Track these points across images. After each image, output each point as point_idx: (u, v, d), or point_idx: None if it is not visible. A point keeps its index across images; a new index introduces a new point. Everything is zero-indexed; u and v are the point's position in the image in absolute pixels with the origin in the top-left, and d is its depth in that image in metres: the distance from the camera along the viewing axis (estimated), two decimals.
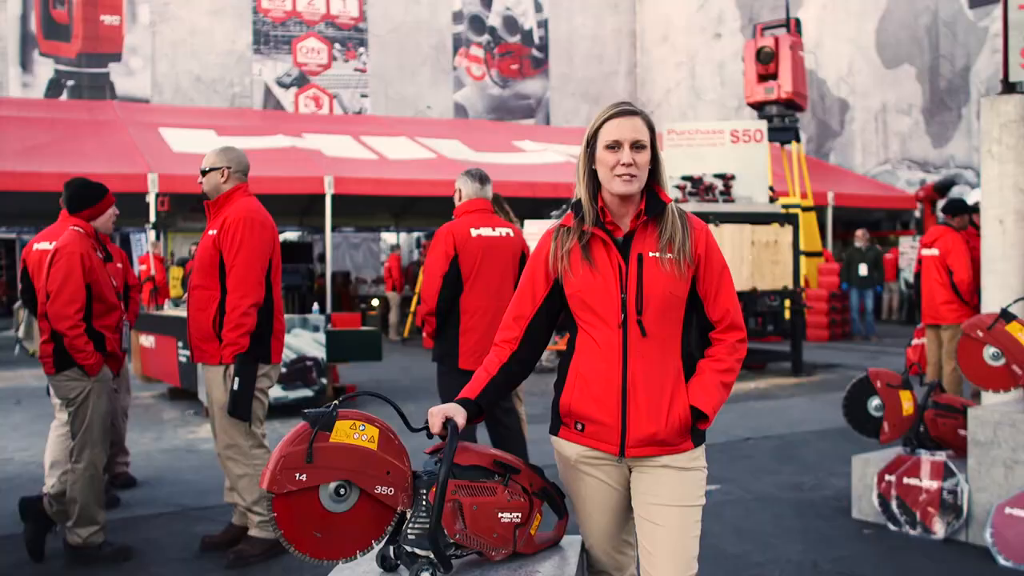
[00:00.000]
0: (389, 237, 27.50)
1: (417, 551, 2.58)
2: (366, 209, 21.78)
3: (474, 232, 5.23)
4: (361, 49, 26.59)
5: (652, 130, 2.69)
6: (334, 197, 16.91)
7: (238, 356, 4.67)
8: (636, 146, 2.63)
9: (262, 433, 5.00)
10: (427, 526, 2.57)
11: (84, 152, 16.12)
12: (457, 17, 27.86)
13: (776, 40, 16.60)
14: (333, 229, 23.08)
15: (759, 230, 11.23)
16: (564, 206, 17.15)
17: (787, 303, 11.51)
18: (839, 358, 13.42)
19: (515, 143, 21.85)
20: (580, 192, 2.75)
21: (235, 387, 4.68)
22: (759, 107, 17.07)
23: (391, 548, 2.65)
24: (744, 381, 11.39)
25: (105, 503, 5.84)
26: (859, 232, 16.90)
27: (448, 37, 27.73)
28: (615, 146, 2.64)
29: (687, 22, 28.21)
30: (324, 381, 9.41)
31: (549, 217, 13.98)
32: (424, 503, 2.60)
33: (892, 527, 5.26)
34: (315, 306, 10.75)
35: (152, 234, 15.23)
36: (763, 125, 12.02)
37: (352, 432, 2.62)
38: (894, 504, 5.27)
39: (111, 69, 23.70)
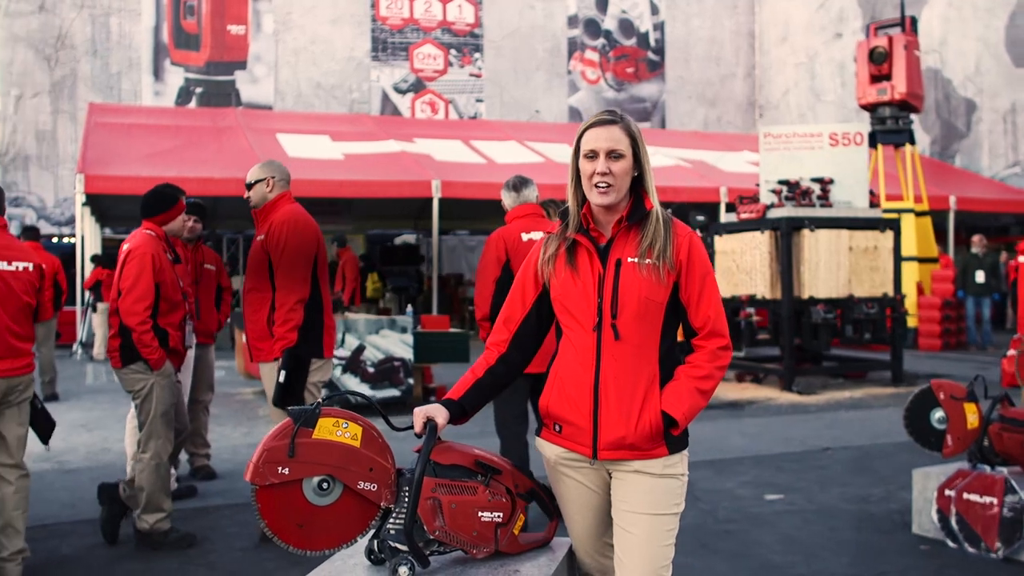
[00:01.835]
0: None
1: (398, 546, 2.68)
2: (477, 213, 22.04)
3: (525, 236, 5.31)
4: (476, 55, 26.93)
5: (634, 138, 2.72)
6: (441, 201, 17.16)
7: (286, 350, 4.89)
8: (612, 155, 2.67)
9: None
10: None
11: (203, 158, 16.83)
12: (572, 21, 27.94)
13: (890, 40, 16.11)
14: (445, 232, 23.49)
15: (857, 235, 10.94)
16: (668, 210, 17.05)
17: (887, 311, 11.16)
18: (947, 368, 12.93)
19: None
20: (569, 199, 2.81)
21: (281, 379, 4.90)
22: (872, 109, 16.61)
23: (376, 542, 2.76)
24: (839, 390, 11.13)
25: (181, 492, 6.19)
26: (976, 238, 16.24)
27: (563, 41, 27.83)
28: (592, 155, 2.68)
29: (807, 21, 27.59)
30: (411, 381, 9.62)
31: None
32: (406, 500, 2.70)
33: (951, 544, 5.10)
34: (408, 308, 10.99)
35: None
36: (864, 128, 11.68)
37: (335, 429, 2.74)
38: (953, 520, 5.11)
39: (237, 77, 24.67)
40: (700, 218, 12.95)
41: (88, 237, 17.10)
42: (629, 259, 2.69)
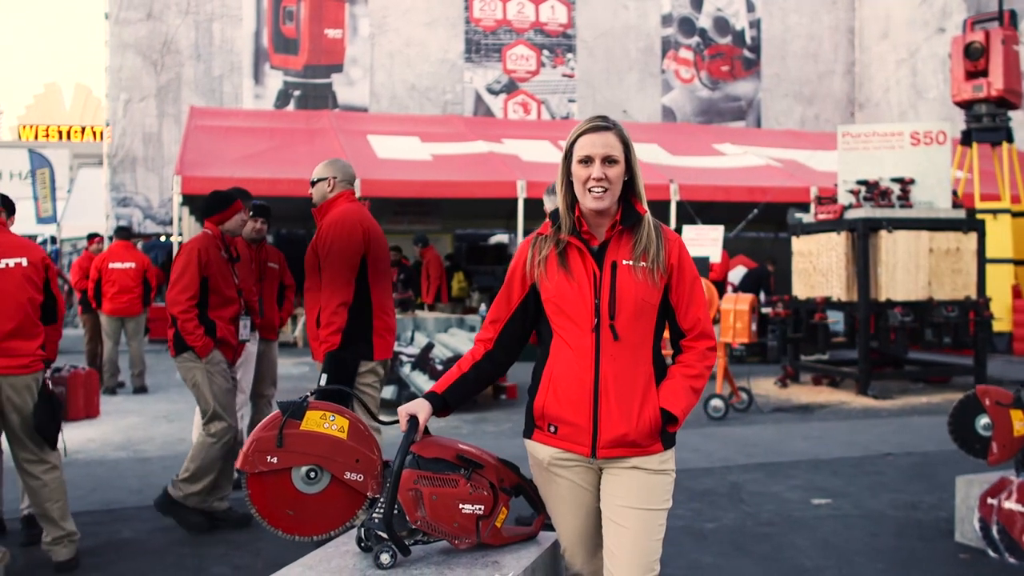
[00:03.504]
0: None
1: (381, 534, 2.81)
2: None
3: None
4: (569, 55, 26.97)
5: (626, 144, 2.80)
6: (529, 201, 17.27)
7: (328, 353, 4.89)
8: (607, 161, 2.75)
9: (375, 427, 5.00)
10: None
11: (295, 159, 17.30)
12: (666, 20, 27.73)
13: (987, 34, 15.60)
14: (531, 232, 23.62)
15: (938, 237, 10.67)
16: (755, 210, 16.84)
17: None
18: None
19: (715, 146, 21.58)
20: (558, 201, 2.90)
21: (322, 383, 4.85)
22: (967, 106, 16.13)
23: (363, 530, 2.89)
24: (917, 395, 10.87)
25: (239, 483, 6.46)
26: None
27: (657, 40, 27.64)
28: (587, 161, 2.76)
29: (909, 16, 26.83)
30: None
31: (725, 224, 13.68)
32: None
33: (992, 553, 4.99)
34: (482, 307, 11.16)
35: None
36: (947, 126, 11.36)
37: (322, 422, 2.90)
38: (995, 530, 4.99)
39: (333, 80, 25.23)
40: (798, 215, 12.74)
41: (187, 236, 17.77)
42: (624, 262, 2.77)
